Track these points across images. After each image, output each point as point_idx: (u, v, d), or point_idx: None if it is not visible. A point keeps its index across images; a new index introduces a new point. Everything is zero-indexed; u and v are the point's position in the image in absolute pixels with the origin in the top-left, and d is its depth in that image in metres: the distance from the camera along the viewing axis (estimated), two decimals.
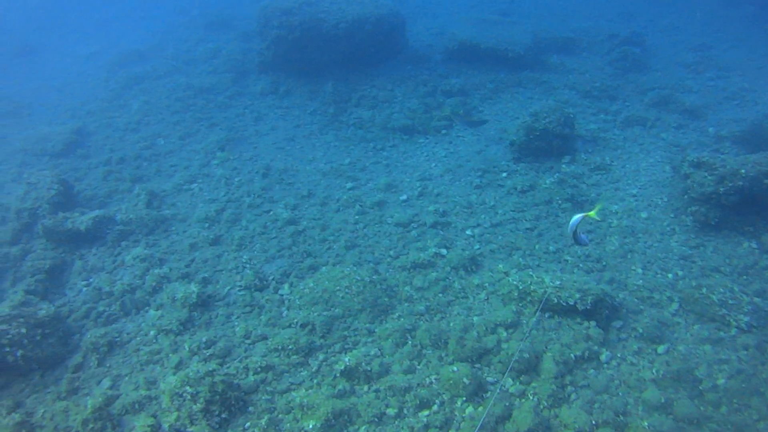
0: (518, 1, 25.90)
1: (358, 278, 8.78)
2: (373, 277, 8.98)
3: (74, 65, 21.87)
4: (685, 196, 10.22)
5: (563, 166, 11.97)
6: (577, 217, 7.09)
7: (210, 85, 17.44)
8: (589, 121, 14.03)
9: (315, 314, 8.39)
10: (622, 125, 13.77)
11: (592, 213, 7.10)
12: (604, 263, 9.32)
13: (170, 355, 8.16)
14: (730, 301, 8.07)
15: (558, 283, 8.10)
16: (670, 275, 8.99)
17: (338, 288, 8.65)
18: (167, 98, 16.84)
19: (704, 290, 8.30)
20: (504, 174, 11.92)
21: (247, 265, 9.81)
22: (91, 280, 9.94)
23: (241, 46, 20.34)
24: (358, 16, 16.28)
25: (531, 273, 8.60)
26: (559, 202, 10.78)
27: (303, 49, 16.52)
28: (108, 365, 8.20)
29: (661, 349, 7.61)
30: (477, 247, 9.85)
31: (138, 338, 8.58)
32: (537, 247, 9.77)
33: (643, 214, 10.46)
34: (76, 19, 30.13)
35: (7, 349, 7.96)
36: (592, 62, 17.93)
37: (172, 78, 18.37)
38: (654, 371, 7.21)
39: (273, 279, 9.45)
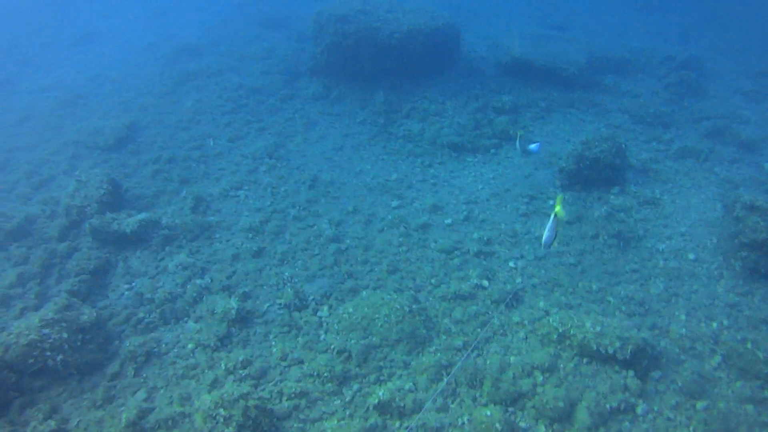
0: (575, 15, 25.58)
1: (398, 307, 8.69)
2: (413, 306, 8.86)
3: (130, 56, 22.14)
4: (736, 240, 9.89)
5: (612, 197, 11.74)
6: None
7: (262, 86, 17.53)
8: (641, 149, 13.76)
9: (352, 341, 8.35)
10: (675, 156, 13.47)
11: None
12: (647, 307, 9.10)
13: (206, 371, 8.18)
14: None
15: (599, 329, 7.91)
16: (714, 324, 8.73)
17: (377, 316, 8.57)
18: (219, 97, 16.96)
19: (749, 345, 8.04)
20: (551, 202, 11.73)
21: (288, 283, 9.80)
22: (133, 284, 10.03)
23: (294, 46, 20.43)
24: (413, 27, 16.20)
25: (572, 315, 8.42)
26: (606, 237, 10.55)
27: (356, 56, 16.51)
28: (144, 376, 8.26)
29: (700, 405, 7.37)
30: (519, 280, 9.68)
31: (175, 350, 8.63)
32: (580, 284, 9.56)
33: (691, 256, 10.19)
34: (136, 7, 30.59)
35: (49, 353, 8.09)
36: (647, 85, 17.62)
37: (225, 76, 18.49)
38: (691, 429, 7.00)
39: (313, 299, 9.42)
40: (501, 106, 15.66)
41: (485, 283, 9.60)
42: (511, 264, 10.12)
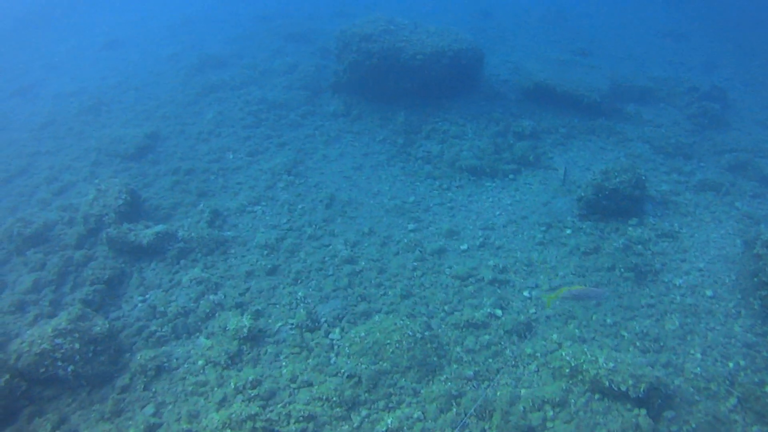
0: (598, 41, 25.55)
1: (410, 333, 8.63)
2: (425, 333, 8.79)
3: (154, 64, 22.34)
4: (755, 279, 9.75)
5: (630, 228, 11.61)
6: None
7: (283, 101, 17.58)
8: (660, 180, 13.62)
9: (363, 366, 8.30)
10: (695, 189, 13.31)
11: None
12: (661, 343, 8.94)
13: (215, 389, 8.16)
14: None
15: (612, 365, 7.81)
16: (731, 364, 8.56)
17: (389, 341, 8.51)
18: (240, 111, 17.04)
19: (767, 388, 7.92)
20: (568, 231, 11.64)
21: (301, 303, 9.76)
22: (147, 296, 10.05)
23: (317, 62, 20.51)
24: (436, 49, 16.19)
25: (585, 349, 8.31)
26: (622, 270, 10.42)
27: (378, 75, 16.53)
28: (153, 390, 8.26)
29: None
30: (533, 311, 9.60)
31: (186, 366, 8.62)
32: (594, 317, 9.45)
33: (709, 292, 10.05)
34: (161, 15, 30.90)
35: (60, 363, 8.12)
36: (669, 115, 17.49)
37: (247, 89, 18.60)
38: None
39: (325, 321, 9.36)
40: (521, 130, 15.57)
41: (499, 312, 9.51)
42: (526, 294, 10.02)
